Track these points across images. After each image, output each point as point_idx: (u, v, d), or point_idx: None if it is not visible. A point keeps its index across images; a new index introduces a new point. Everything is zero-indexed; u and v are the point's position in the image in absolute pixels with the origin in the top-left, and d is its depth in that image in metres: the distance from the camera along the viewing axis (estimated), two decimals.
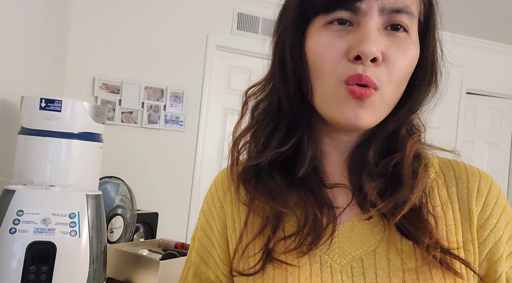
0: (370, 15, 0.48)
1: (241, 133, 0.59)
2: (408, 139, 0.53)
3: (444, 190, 0.53)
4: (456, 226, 0.51)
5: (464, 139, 3.25)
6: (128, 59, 2.40)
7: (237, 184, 0.58)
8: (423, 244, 0.47)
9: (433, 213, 0.51)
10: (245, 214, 0.57)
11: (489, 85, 3.30)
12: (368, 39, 0.46)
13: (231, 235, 0.59)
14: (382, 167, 0.52)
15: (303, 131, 0.55)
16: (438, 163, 0.56)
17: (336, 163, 0.56)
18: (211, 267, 0.60)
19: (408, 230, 0.49)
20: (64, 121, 1.06)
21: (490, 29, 3.02)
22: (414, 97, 0.53)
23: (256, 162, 0.56)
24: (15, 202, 0.81)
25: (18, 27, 1.33)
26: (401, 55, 0.49)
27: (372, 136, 0.54)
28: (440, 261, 0.48)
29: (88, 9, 2.31)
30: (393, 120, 0.53)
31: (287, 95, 0.54)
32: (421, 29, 0.53)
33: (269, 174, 0.55)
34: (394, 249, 0.50)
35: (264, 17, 2.68)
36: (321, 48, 0.49)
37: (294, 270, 0.51)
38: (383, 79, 0.48)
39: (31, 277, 0.78)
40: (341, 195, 0.54)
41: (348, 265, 0.50)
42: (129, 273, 1.20)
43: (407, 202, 0.48)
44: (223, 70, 2.69)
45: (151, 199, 2.32)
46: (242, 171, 0.57)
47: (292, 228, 0.53)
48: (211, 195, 0.64)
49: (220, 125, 2.70)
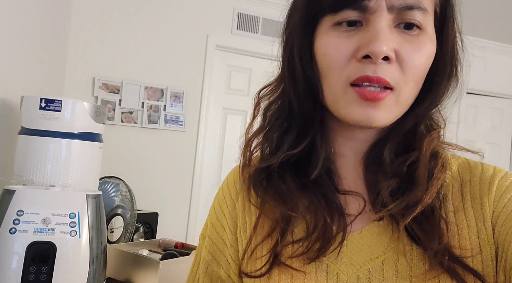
0: (379, 12, 0.45)
1: (253, 134, 0.57)
2: (426, 136, 0.51)
3: (458, 194, 0.50)
4: (469, 227, 0.48)
5: (464, 139, 3.25)
6: (128, 59, 2.40)
7: (248, 186, 0.57)
8: (431, 250, 0.45)
9: (445, 219, 0.48)
10: (255, 216, 0.56)
11: (489, 85, 3.30)
12: (378, 38, 0.44)
13: (241, 235, 0.58)
14: (397, 166, 0.50)
15: (315, 133, 0.53)
16: (458, 165, 0.53)
17: (350, 165, 0.55)
18: (223, 266, 0.59)
19: (417, 234, 0.47)
20: (64, 121, 1.06)
21: (490, 29, 3.02)
22: (434, 93, 0.51)
23: (267, 164, 0.54)
24: (15, 202, 0.81)
25: (18, 27, 1.33)
26: (416, 52, 0.46)
27: (389, 134, 0.52)
28: (448, 269, 0.45)
29: (88, 9, 2.31)
30: (412, 116, 0.51)
31: (297, 96, 0.53)
32: (438, 21, 0.50)
33: (280, 176, 0.54)
34: (403, 257, 0.48)
35: (264, 17, 2.68)
36: (329, 50, 0.48)
37: (300, 277, 0.50)
38: (398, 79, 0.46)
39: (31, 277, 0.78)
40: (354, 201, 0.52)
41: (355, 275, 0.49)
42: (129, 273, 1.20)
43: (419, 203, 0.46)
44: (223, 70, 2.69)
45: (151, 199, 2.32)
46: (253, 173, 0.56)
47: (301, 233, 0.52)
48: (223, 193, 0.62)
49: (220, 125, 2.70)
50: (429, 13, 0.47)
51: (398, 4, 0.45)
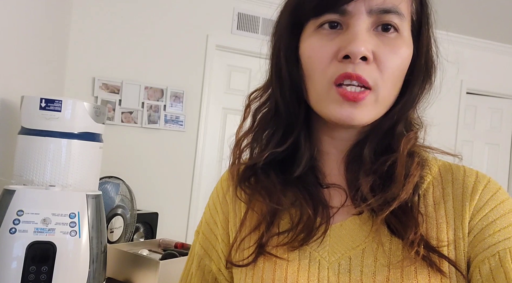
0: (358, 16, 0.49)
1: (243, 135, 0.61)
2: (404, 137, 0.54)
3: (439, 191, 0.54)
4: (447, 223, 0.51)
5: (464, 139, 3.25)
6: (128, 59, 2.40)
7: (236, 183, 0.60)
8: (408, 240, 0.48)
9: (424, 212, 0.52)
10: (243, 211, 0.60)
11: (489, 85, 3.30)
12: (356, 39, 0.48)
13: (231, 229, 0.61)
14: (378, 166, 0.53)
15: (299, 132, 0.56)
16: (438, 166, 0.56)
17: (334, 162, 0.58)
18: (214, 260, 0.63)
19: (396, 226, 0.50)
20: (64, 121, 1.06)
21: (490, 29, 3.02)
22: (408, 94, 0.54)
23: (253, 162, 0.58)
24: (15, 202, 0.81)
25: (18, 27, 1.33)
26: (392, 54, 0.50)
27: (369, 134, 0.55)
28: (424, 257, 0.48)
29: (88, 9, 2.31)
30: (388, 117, 0.54)
31: (283, 98, 0.56)
32: (414, 28, 0.53)
33: (265, 173, 0.57)
34: (382, 247, 0.51)
35: (264, 17, 2.68)
36: (312, 52, 0.51)
37: (283, 264, 0.53)
38: (376, 78, 0.49)
39: (31, 277, 0.78)
40: (337, 195, 0.56)
41: (336, 262, 0.52)
42: (129, 273, 1.20)
43: (397, 198, 0.49)
44: (223, 70, 2.69)
45: (151, 199, 2.32)
46: (241, 171, 0.60)
47: (286, 225, 0.55)
48: (217, 191, 0.67)
49: (220, 125, 2.70)
50: (405, 19, 0.51)
51: (377, 8, 0.49)
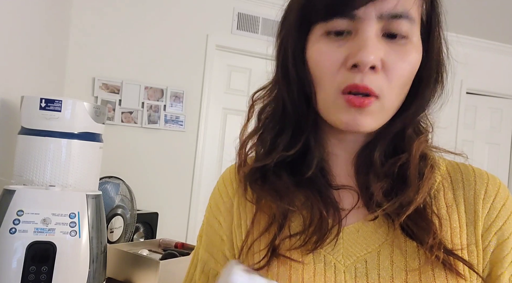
0: (368, 21, 0.47)
1: (248, 136, 0.60)
2: (415, 139, 0.53)
3: (450, 192, 0.53)
4: (461, 228, 0.51)
5: (464, 139, 3.25)
6: (128, 59, 2.40)
7: (244, 184, 0.59)
8: (427, 245, 0.48)
9: (438, 215, 0.51)
10: (252, 212, 0.58)
11: (489, 85, 3.30)
12: (366, 47, 0.46)
13: (235, 229, 0.59)
14: (389, 168, 0.52)
15: (309, 134, 0.55)
16: (446, 166, 0.56)
17: (343, 164, 0.57)
18: (220, 262, 0.61)
19: (413, 230, 0.49)
20: (64, 121, 1.06)
21: (490, 29, 3.02)
22: (420, 99, 0.53)
23: (262, 163, 0.56)
24: (15, 202, 0.81)
25: (18, 27, 1.33)
26: (401, 61, 0.49)
27: (379, 137, 0.54)
28: (443, 261, 0.48)
29: (88, 9, 2.31)
30: (399, 120, 0.53)
31: (291, 99, 0.54)
32: (424, 29, 0.52)
33: (276, 174, 0.56)
34: (398, 250, 0.50)
35: (264, 17, 2.68)
36: (320, 58, 0.50)
37: (298, 268, 0.51)
38: (383, 87, 0.48)
39: (31, 277, 0.78)
40: (347, 196, 0.55)
41: (352, 265, 0.51)
42: (129, 273, 1.20)
43: (412, 202, 0.49)
44: (223, 70, 2.69)
45: (151, 199, 2.31)
46: (249, 172, 0.58)
47: (298, 227, 0.54)
48: (219, 191, 0.64)
49: (220, 125, 2.70)
50: (415, 23, 0.50)
51: (387, 13, 0.47)
